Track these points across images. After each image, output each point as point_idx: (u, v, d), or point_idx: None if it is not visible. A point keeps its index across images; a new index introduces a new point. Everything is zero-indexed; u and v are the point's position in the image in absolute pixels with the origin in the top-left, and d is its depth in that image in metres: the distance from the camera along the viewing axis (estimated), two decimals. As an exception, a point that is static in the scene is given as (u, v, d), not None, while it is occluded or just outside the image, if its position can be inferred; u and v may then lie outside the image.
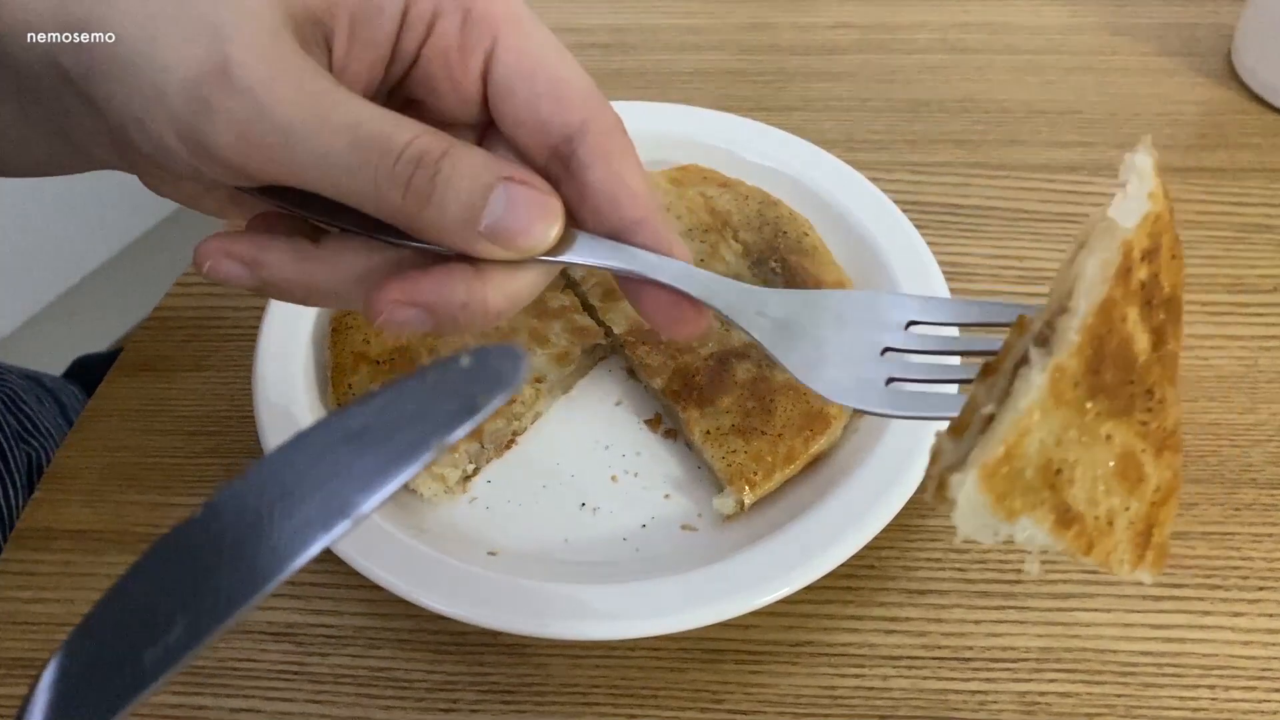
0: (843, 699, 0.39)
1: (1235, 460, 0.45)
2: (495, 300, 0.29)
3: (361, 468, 0.21)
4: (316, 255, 0.30)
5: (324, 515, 0.21)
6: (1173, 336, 0.29)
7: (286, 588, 0.43)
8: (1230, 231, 0.55)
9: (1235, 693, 0.39)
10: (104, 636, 0.22)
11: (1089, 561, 0.27)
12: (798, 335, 0.31)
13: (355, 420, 0.22)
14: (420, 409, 0.21)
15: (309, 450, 0.22)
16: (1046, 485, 0.26)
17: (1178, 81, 0.63)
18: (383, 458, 0.21)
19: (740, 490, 0.42)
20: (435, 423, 0.21)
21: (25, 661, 0.41)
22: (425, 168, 0.28)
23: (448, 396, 0.21)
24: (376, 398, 0.22)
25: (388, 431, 0.21)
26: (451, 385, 0.21)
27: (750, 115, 0.56)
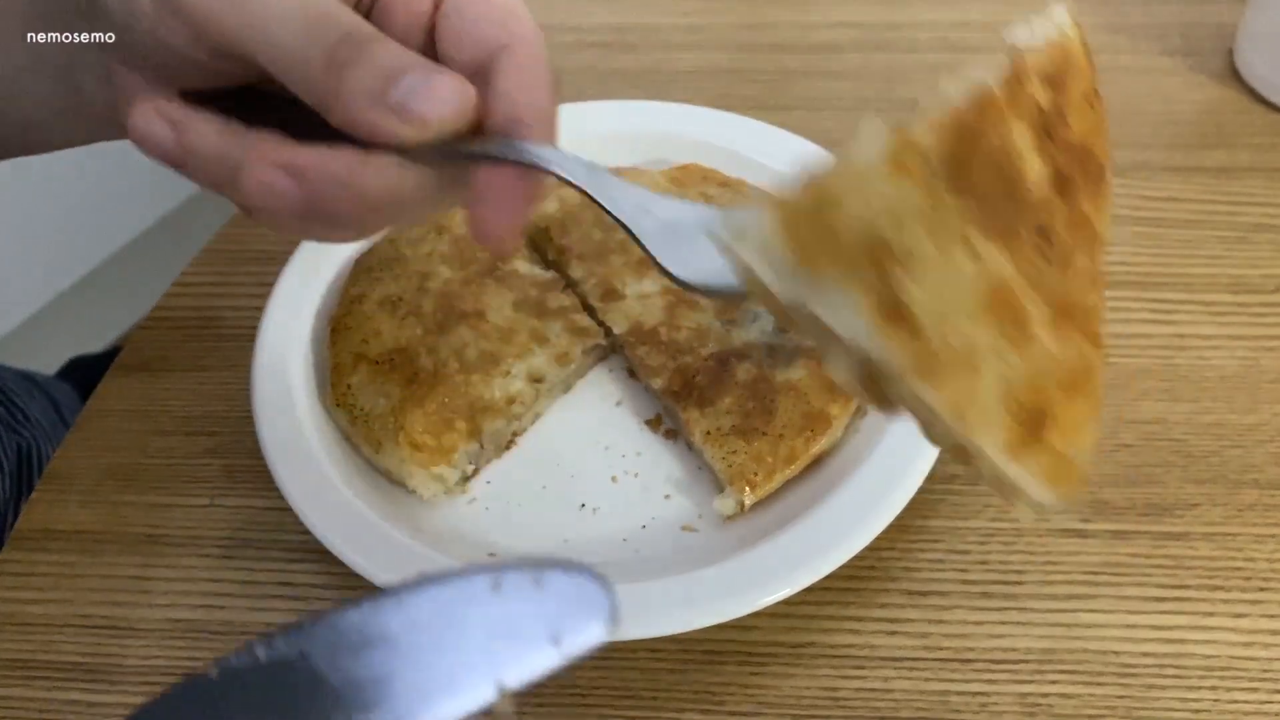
0: (844, 700, 0.39)
1: (1237, 461, 0.45)
2: (374, 185, 0.30)
3: (402, 684, 0.18)
4: (242, 133, 0.30)
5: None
6: (1087, 197, 0.26)
7: (285, 589, 0.43)
8: (1231, 231, 0.54)
9: (1237, 694, 0.39)
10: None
11: (932, 395, 0.22)
12: (681, 237, 0.32)
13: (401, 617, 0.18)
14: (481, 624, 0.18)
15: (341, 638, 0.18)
16: (869, 260, 0.22)
17: (1179, 81, 0.63)
18: (429, 679, 0.18)
19: (741, 491, 0.42)
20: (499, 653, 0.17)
21: (24, 662, 0.41)
22: (352, 41, 0.29)
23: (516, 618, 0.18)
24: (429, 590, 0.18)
25: (435, 644, 0.18)
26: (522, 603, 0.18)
27: (751, 114, 0.56)
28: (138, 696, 0.40)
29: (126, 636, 0.42)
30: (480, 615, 0.18)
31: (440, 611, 0.18)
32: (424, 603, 0.18)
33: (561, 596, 0.18)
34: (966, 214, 0.23)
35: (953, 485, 0.45)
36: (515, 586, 0.18)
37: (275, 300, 0.48)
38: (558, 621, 0.18)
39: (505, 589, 0.18)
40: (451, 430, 0.44)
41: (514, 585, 0.18)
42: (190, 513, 0.45)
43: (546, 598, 0.18)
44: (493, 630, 0.18)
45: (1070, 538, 0.43)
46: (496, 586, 0.18)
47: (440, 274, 0.49)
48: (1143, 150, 0.59)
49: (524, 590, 0.18)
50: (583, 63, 0.66)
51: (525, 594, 0.18)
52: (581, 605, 0.18)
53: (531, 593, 0.18)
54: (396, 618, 0.18)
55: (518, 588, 0.18)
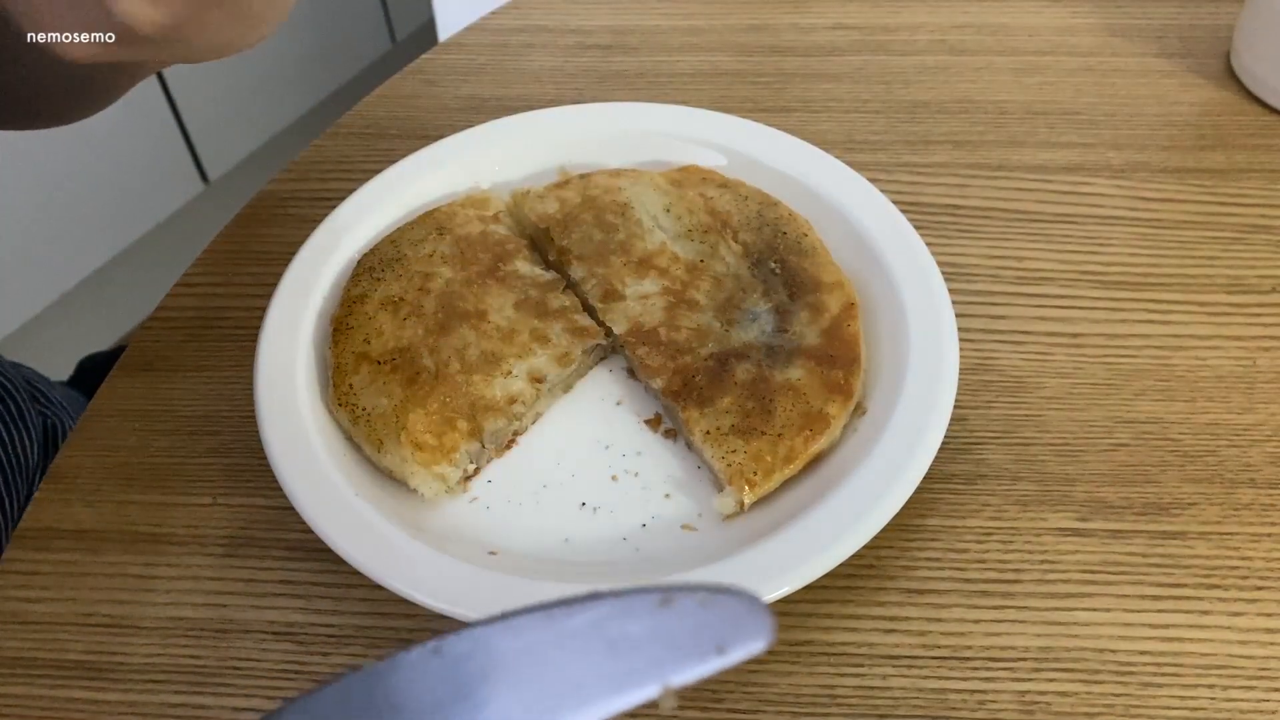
0: (842, 698, 0.39)
1: (1234, 460, 0.45)
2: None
3: (577, 679, 0.19)
4: None
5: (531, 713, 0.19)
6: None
7: (287, 587, 0.43)
8: (1228, 232, 0.55)
9: (1234, 692, 0.39)
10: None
11: None
12: None
13: (573, 622, 0.20)
14: (647, 634, 0.19)
15: (519, 637, 0.20)
16: None
17: (1176, 82, 0.63)
18: (601, 676, 0.19)
19: (740, 490, 0.42)
20: (664, 657, 0.19)
21: (25, 661, 0.41)
22: None
23: (678, 631, 0.19)
24: (599, 605, 0.20)
25: (609, 648, 0.19)
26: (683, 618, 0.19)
27: (750, 116, 0.56)
28: (141, 694, 0.40)
29: (129, 635, 0.42)
30: (647, 625, 0.20)
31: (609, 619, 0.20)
32: (594, 613, 0.20)
33: (726, 612, 0.20)
34: None
35: (950, 484, 0.45)
36: (683, 603, 0.20)
37: (277, 300, 0.48)
38: (721, 634, 0.19)
39: (674, 605, 0.20)
40: (453, 430, 0.44)
41: (682, 602, 0.20)
42: (193, 511, 0.45)
43: (712, 613, 0.20)
44: (659, 638, 0.20)
45: (1067, 536, 0.43)
46: (665, 603, 0.20)
47: (442, 274, 0.49)
48: (1140, 151, 0.59)
49: (691, 606, 0.20)
50: (583, 64, 0.66)
51: (692, 609, 0.20)
52: (743, 620, 0.20)
53: (698, 608, 0.20)
54: (570, 623, 0.20)
55: (686, 604, 0.20)
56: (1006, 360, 0.49)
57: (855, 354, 0.46)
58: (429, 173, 0.54)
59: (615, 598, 0.20)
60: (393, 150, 0.59)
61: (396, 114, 0.64)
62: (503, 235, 0.51)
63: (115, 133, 1.34)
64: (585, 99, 0.61)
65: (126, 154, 1.38)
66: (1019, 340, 0.50)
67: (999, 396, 0.48)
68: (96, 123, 1.49)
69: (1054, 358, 0.49)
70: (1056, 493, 0.45)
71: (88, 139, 1.31)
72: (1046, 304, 0.52)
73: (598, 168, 0.55)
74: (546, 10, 0.70)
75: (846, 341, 0.46)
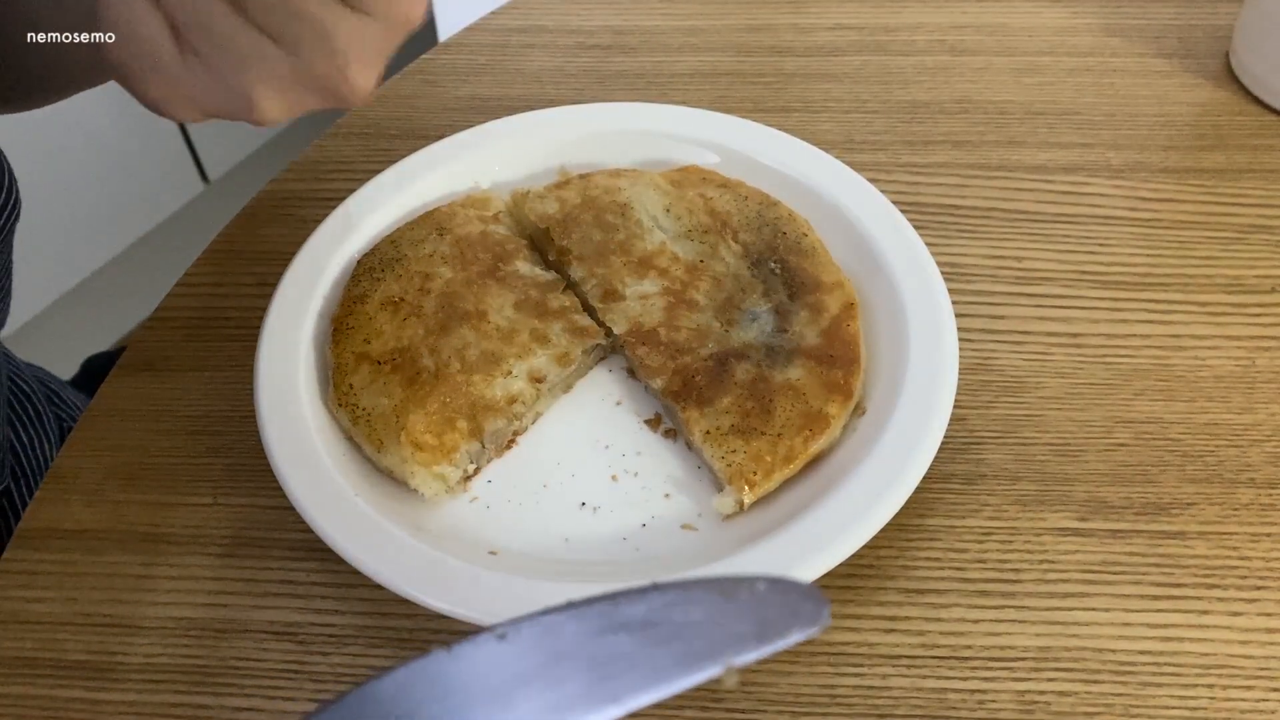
0: (841, 698, 0.39)
1: (1233, 460, 0.46)
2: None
3: (643, 661, 0.20)
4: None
5: (597, 696, 0.20)
6: None
7: (287, 587, 0.43)
8: (1228, 232, 0.55)
9: (1233, 692, 0.39)
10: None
11: None
12: None
13: (637, 610, 0.21)
14: (709, 619, 0.21)
15: (586, 623, 0.21)
16: None
17: (1175, 82, 0.64)
18: (666, 657, 0.20)
19: (740, 490, 0.42)
20: (726, 639, 0.20)
21: (28, 660, 0.41)
22: None
23: (738, 616, 0.21)
24: (658, 594, 0.21)
25: (673, 633, 0.20)
26: (743, 605, 0.21)
27: (749, 116, 0.56)
28: (140, 694, 0.40)
29: (129, 635, 0.42)
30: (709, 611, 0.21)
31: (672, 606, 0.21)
32: (657, 600, 0.21)
33: (783, 599, 0.21)
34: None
35: (950, 484, 0.45)
36: (743, 592, 0.21)
37: (278, 300, 0.48)
38: (780, 619, 0.21)
39: (734, 594, 0.21)
40: (453, 430, 0.44)
41: (742, 591, 0.21)
42: (193, 511, 0.45)
43: (770, 600, 0.21)
44: (721, 622, 0.21)
45: (1067, 536, 0.43)
46: (725, 592, 0.21)
47: (442, 274, 0.49)
48: (1139, 151, 0.59)
49: (750, 595, 0.21)
50: (583, 64, 0.66)
51: (751, 597, 0.21)
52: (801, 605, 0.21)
53: (757, 597, 0.21)
54: (634, 610, 0.21)
55: (745, 593, 0.21)
56: (1006, 360, 0.49)
57: (855, 354, 0.46)
58: (429, 173, 0.54)
59: (677, 587, 0.21)
60: (393, 150, 0.59)
61: (396, 114, 0.64)
62: (503, 235, 0.51)
63: (115, 133, 1.34)
64: (585, 99, 0.61)
65: (126, 154, 1.38)
66: (1018, 340, 0.50)
67: (998, 396, 0.48)
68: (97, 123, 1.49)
69: (1053, 358, 0.49)
70: (1056, 492, 0.45)
71: (88, 139, 1.31)
72: (1046, 304, 0.52)
73: (598, 168, 0.55)
74: (546, 10, 0.70)
75: (846, 341, 0.46)
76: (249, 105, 0.32)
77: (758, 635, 0.20)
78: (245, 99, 0.32)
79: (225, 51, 0.31)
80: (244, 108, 0.32)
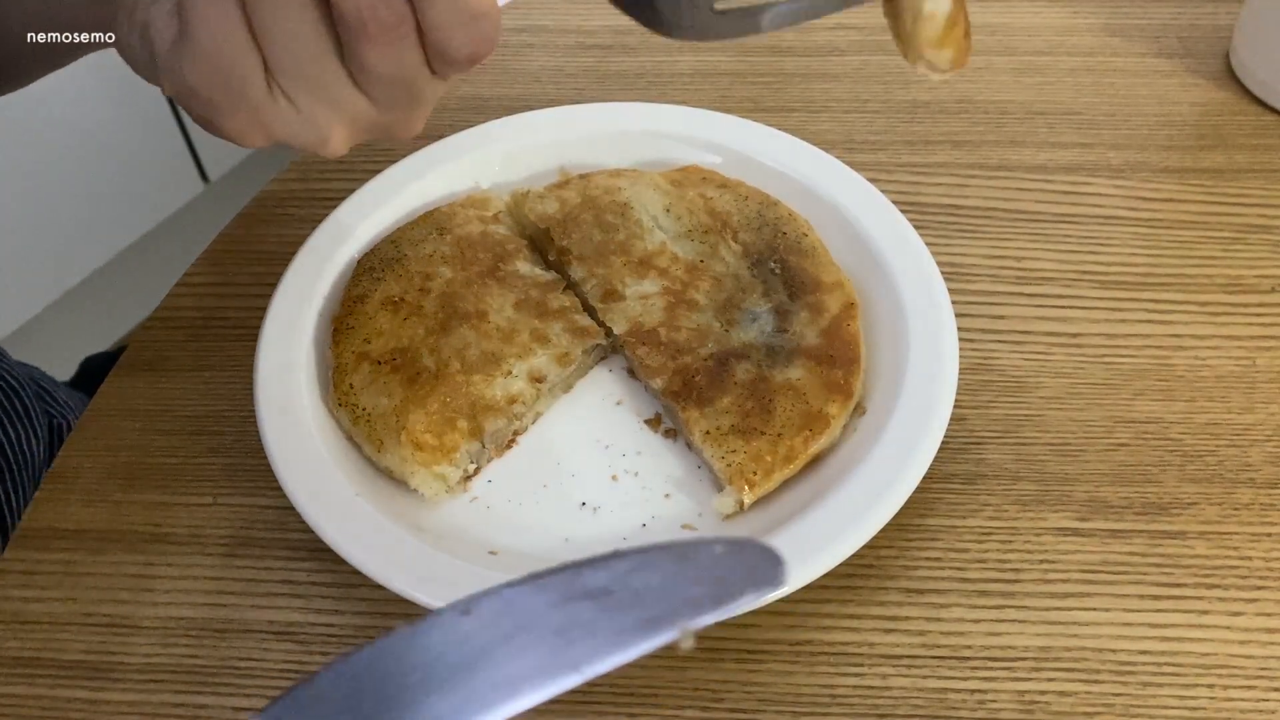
0: (842, 698, 0.39)
1: (1233, 460, 0.46)
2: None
3: (602, 628, 0.20)
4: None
5: (556, 665, 0.20)
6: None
7: (287, 587, 0.43)
8: (1228, 232, 0.55)
9: (1234, 692, 0.39)
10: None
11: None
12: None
13: (597, 578, 0.21)
14: (666, 585, 0.21)
15: (544, 597, 0.21)
16: None
17: (1176, 82, 0.63)
18: (624, 624, 0.20)
19: (740, 490, 0.42)
20: (683, 603, 0.20)
21: (28, 660, 0.41)
22: None
23: (696, 580, 0.21)
24: (619, 561, 0.21)
25: (632, 599, 0.21)
26: (701, 568, 0.21)
27: (750, 116, 0.56)
28: (141, 694, 0.40)
29: (129, 634, 0.42)
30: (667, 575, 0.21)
31: (631, 573, 0.21)
32: (617, 568, 0.21)
33: (741, 562, 0.21)
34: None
35: (951, 484, 0.45)
36: (701, 555, 0.21)
37: (278, 300, 0.48)
38: (737, 581, 0.21)
39: (692, 558, 0.21)
40: (453, 430, 0.44)
41: (701, 554, 0.21)
42: (193, 511, 0.45)
43: (728, 563, 0.21)
44: (679, 587, 0.21)
45: (1067, 536, 0.43)
46: (683, 556, 0.21)
47: (442, 274, 0.49)
48: (1139, 151, 0.59)
49: (709, 559, 0.21)
50: (583, 64, 0.66)
51: (709, 561, 0.21)
52: (758, 568, 0.21)
53: (715, 560, 0.21)
54: (594, 578, 0.21)
55: (703, 557, 0.21)
56: (1006, 360, 0.49)
57: (855, 354, 0.46)
58: (429, 173, 0.54)
59: (636, 554, 0.21)
60: (392, 150, 0.59)
61: (396, 114, 0.63)
62: (503, 235, 0.51)
63: (115, 133, 1.34)
64: (585, 99, 0.61)
65: (126, 154, 1.38)
66: (1019, 340, 0.50)
67: (999, 396, 0.48)
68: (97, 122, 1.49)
69: (1054, 358, 0.49)
70: (1056, 492, 0.45)
71: (88, 138, 1.31)
72: (1046, 304, 0.52)
73: (598, 168, 0.55)
74: (546, 10, 0.70)
75: (846, 341, 0.46)
76: (323, 141, 0.32)
77: (715, 598, 0.21)
78: (322, 137, 0.32)
79: (316, 96, 0.31)
80: (317, 142, 0.32)
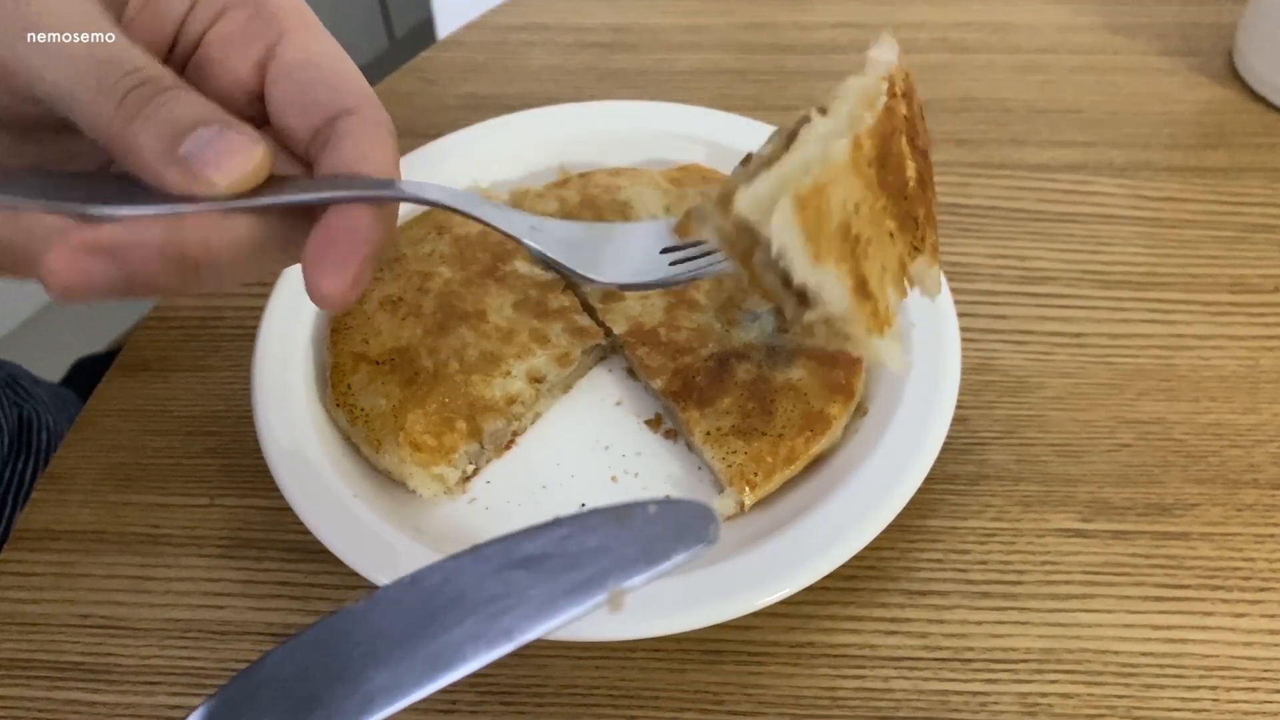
0: (843, 700, 0.39)
1: (1237, 461, 0.45)
2: (197, 248, 0.28)
3: (535, 595, 0.21)
4: (33, 220, 0.28)
5: (489, 634, 0.21)
6: (931, 190, 0.34)
7: (285, 588, 0.43)
8: (1231, 231, 0.54)
9: (1237, 694, 0.39)
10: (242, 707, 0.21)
11: (870, 345, 0.30)
12: (581, 248, 0.34)
13: (535, 544, 0.22)
14: (601, 547, 0.21)
15: (482, 566, 0.22)
16: (847, 244, 0.29)
17: (1179, 81, 0.63)
18: (556, 589, 0.21)
19: (740, 491, 0.42)
20: (614, 565, 0.21)
21: (24, 662, 0.41)
22: (147, 87, 0.28)
23: (630, 541, 0.21)
24: (558, 527, 0.22)
25: (566, 563, 0.21)
26: (636, 529, 0.22)
27: (750, 114, 0.56)
28: (137, 696, 0.40)
29: (126, 636, 0.42)
30: (602, 538, 0.22)
31: (567, 538, 0.22)
32: (555, 534, 0.22)
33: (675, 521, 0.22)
34: (887, 208, 0.30)
35: (953, 485, 0.45)
36: (637, 516, 0.22)
37: (275, 300, 0.48)
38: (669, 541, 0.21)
39: (627, 519, 0.22)
40: (452, 430, 0.44)
41: (636, 515, 0.22)
42: (190, 512, 0.45)
43: (662, 523, 0.22)
44: (612, 549, 0.22)
45: (1070, 538, 0.43)
46: (619, 518, 0.22)
47: (441, 274, 0.49)
48: (1142, 150, 0.59)
49: (644, 519, 0.22)
50: (583, 63, 0.66)
51: (644, 522, 0.22)
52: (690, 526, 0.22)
53: (650, 520, 0.22)
54: (532, 546, 0.22)
55: (638, 517, 0.22)
56: (1009, 360, 0.49)
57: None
58: (428, 171, 0.54)
59: (572, 520, 0.22)
60: (391, 149, 0.58)
61: (395, 112, 0.62)
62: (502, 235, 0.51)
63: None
64: (585, 97, 0.61)
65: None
66: (1021, 340, 0.50)
67: (1001, 396, 0.48)
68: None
69: (1056, 357, 0.49)
70: (1059, 493, 0.44)
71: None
72: (1049, 303, 0.51)
73: (597, 166, 0.54)
74: (546, 8, 0.70)
75: (848, 341, 0.46)
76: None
77: (645, 558, 0.21)
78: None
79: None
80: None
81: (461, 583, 0.22)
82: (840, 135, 0.29)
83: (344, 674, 0.21)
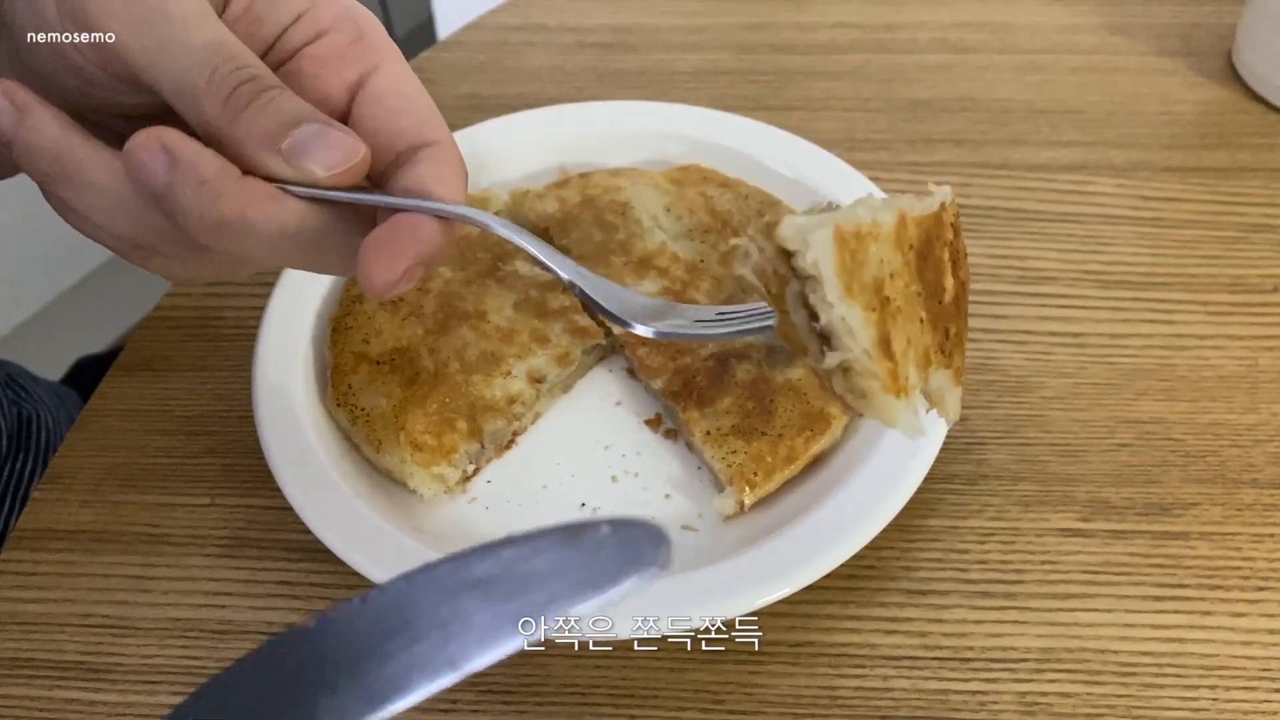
0: (843, 699, 0.39)
1: (1236, 460, 0.45)
2: (241, 202, 0.29)
3: (480, 621, 0.21)
4: (84, 135, 0.30)
5: (434, 663, 0.21)
6: (964, 316, 0.35)
7: (285, 588, 0.43)
8: (1231, 231, 0.55)
9: (1236, 693, 0.39)
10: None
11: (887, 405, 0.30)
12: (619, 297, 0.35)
13: (483, 567, 0.21)
14: (551, 570, 0.21)
15: (433, 588, 0.21)
16: (878, 298, 0.29)
17: (1178, 81, 0.63)
18: (503, 616, 0.21)
19: (740, 491, 0.42)
20: (563, 591, 0.21)
21: (25, 661, 0.41)
22: (255, 83, 0.30)
23: (581, 565, 0.21)
24: (509, 548, 0.21)
25: (514, 588, 0.21)
26: (587, 553, 0.21)
27: (750, 115, 0.56)
28: (138, 695, 0.40)
29: (127, 635, 0.42)
30: (552, 561, 0.21)
31: (517, 560, 0.21)
32: (504, 555, 0.22)
33: (627, 544, 0.21)
34: (922, 296, 0.31)
35: (952, 485, 0.45)
36: (588, 538, 0.21)
37: (276, 300, 0.48)
38: (620, 565, 0.21)
39: (578, 541, 0.21)
40: (452, 430, 0.44)
41: (588, 537, 0.21)
42: (191, 512, 0.45)
43: (614, 546, 0.21)
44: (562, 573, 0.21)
45: (1069, 537, 0.43)
46: (570, 539, 0.21)
47: (441, 274, 0.49)
48: (1142, 150, 0.59)
49: (595, 542, 0.21)
50: (583, 63, 0.66)
51: (595, 544, 0.21)
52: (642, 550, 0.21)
53: (601, 543, 0.21)
54: (481, 567, 0.21)
55: (590, 540, 0.21)
56: (1008, 360, 0.49)
57: (856, 354, 0.46)
58: (428, 171, 0.54)
59: (524, 539, 0.21)
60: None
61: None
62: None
63: (114, 131, 1.34)
64: (585, 97, 0.61)
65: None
66: (1021, 340, 0.50)
67: (1001, 396, 0.48)
68: (95, 121, 1.46)
69: (1056, 357, 0.49)
70: (1058, 493, 0.44)
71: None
72: (1048, 303, 0.51)
73: (597, 167, 0.55)
74: (546, 8, 0.70)
75: (847, 341, 0.46)
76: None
77: (595, 584, 0.21)
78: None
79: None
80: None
81: (410, 606, 0.21)
82: (888, 210, 0.30)
83: (293, 699, 0.21)
